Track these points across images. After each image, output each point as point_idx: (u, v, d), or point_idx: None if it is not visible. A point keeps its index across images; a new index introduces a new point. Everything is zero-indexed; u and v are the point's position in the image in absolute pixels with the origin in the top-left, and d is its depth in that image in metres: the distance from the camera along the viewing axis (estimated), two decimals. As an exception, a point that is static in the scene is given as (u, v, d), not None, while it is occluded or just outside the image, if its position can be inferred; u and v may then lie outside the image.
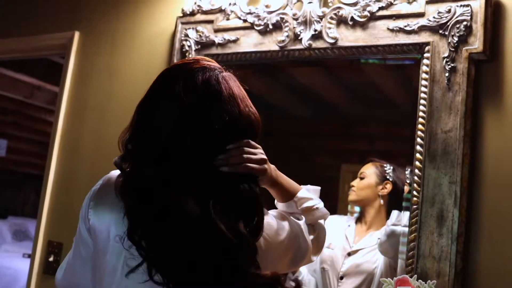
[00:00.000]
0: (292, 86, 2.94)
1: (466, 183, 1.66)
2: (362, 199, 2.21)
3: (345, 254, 2.13)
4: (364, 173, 2.23)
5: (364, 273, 2.05)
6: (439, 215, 1.66)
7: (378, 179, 2.21)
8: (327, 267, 2.15)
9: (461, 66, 1.71)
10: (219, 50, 2.17)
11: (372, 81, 2.69)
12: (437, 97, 1.73)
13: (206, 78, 1.20)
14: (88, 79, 2.61)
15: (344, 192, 2.39)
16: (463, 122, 1.67)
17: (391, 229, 1.96)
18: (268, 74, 2.81)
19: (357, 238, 2.16)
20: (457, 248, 1.62)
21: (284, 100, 3.19)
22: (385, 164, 2.26)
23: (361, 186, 2.22)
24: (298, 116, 3.25)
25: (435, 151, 1.70)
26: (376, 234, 2.13)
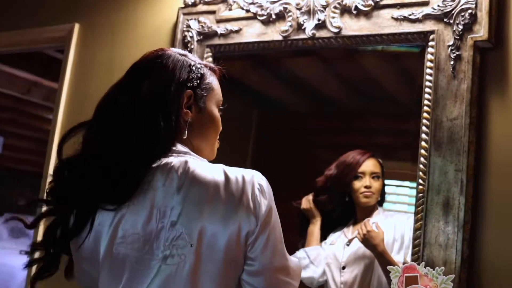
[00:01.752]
0: (291, 81, 2.92)
1: (472, 170, 1.65)
2: (376, 202, 2.19)
3: (344, 246, 2.14)
4: (378, 173, 2.20)
5: (364, 259, 2.05)
6: (445, 203, 1.66)
7: (383, 177, 2.21)
8: (330, 261, 2.15)
9: (466, 54, 1.70)
10: (222, 40, 2.16)
11: (372, 75, 2.67)
12: (442, 85, 1.73)
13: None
14: (88, 72, 2.59)
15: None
16: (468, 110, 1.67)
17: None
18: (268, 68, 2.80)
19: (354, 229, 2.16)
20: (463, 236, 1.62)
21: (283, 95, 3.16)
22: (379, 160, 2.26)
23: (379, 189, 2.18)
24: (298, 110, 3.21)
25: (440, 139, 1.70)
26: (370, 220, 2.13)
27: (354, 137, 3.02)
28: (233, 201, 1.10)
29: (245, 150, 3.32)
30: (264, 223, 1.11)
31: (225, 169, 1.15)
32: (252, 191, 1.12)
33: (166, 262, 1.08)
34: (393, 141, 2.35)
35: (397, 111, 2.85)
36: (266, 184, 1.15)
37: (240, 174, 1.14)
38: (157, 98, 1.17)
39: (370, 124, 2.96)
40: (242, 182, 1.12)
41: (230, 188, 1.11)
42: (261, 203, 1.12)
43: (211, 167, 1.16)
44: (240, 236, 1.10)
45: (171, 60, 1.22)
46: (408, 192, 2.63)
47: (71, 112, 2.60)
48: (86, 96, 2.56)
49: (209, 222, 1.09)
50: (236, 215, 1.10)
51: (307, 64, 2.61)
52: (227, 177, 1.12)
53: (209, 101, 1.27)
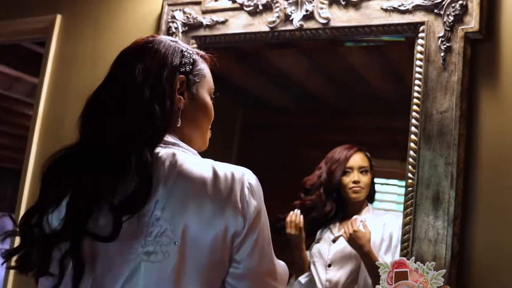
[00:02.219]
0: (276, 77, 2.89)
1: (462, 164, 1.62)
2: (366, 196, 2.15)
3: (330, 242, 2.10)
4: (366, 167, 2.16)
5: (351, 258, 2.01)
6: (434, 197, 1.62)
7: (371, 171, 2.18)
8: (316, 259, 2.11)
9: (457, 45, 1.67)
10: (207, 31, 2.11)
11: (359, 71, 2.65)
12: (432, 77, 1.70)
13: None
14: (71, 65, 2.53)
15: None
16: (459, 102, 1.64)
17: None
18: (253, 64, 2.77)
19: (341, 226, 2.12)
20: (453, 231, 1.59)
21: (268, 92, 3.13)
22: (367, 154, 2.22)
23: (368, 183, 2.15)
24: (283, 108, 3.18)
25: (430, 132, 1.67)
26: (359, 217, 2.09)
27: (340, 135, 3.01)
28: (220, 199, 1.05)
29: (230, 147, 3.30)
30: (252, 225, 1.07)
31: (214, 165, 1.09)
32: (241, 189, 1.07)
33: (149, 259, 1.03)
34: (380, 139, 2.32)
35: (384, 109, 2.84)
36: (256, 183, 1.10)
37: (229, 171, 1.09)
38: (150, 83, 1.12)
39: (356, 121, 2.95)
40: (231, 180, 1.07)
41: (218, 185, 1.06)
42: (250, 203, 1.07)
43: (199, 161, 1.11)
44: (226, 237, 1.04)
45: (162, 45, 1.18)
46: (397, 190, 2.61)
47: (52, 107, 2.54)
48: (68, 91, 2.50)
49: (194, 220, 1.03)
50: (223, 215, 1.04)
51: (293, 60, 2.58)
52: (215, 174, 1.07)
53: (201, 88, 1.22)
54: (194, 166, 1.08)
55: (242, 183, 1.08)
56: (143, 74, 1.12)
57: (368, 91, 2.80)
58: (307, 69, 2.71)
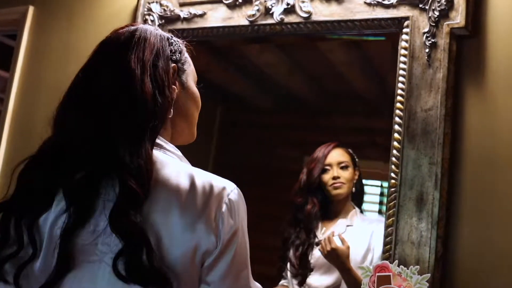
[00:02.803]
0: (256, 76, 2.88)
1: (447, 164, 1.57)
2: (349, 192, 2.10)
3: (313, 246, 2.03)
4: (346, 161, 2.10)
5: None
6: (418, 198, 1.57)
7: (354, 166, 2.12)
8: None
9: (442, 41, 1.62)
10: (185, 25, 2.03)
11: (339, 71, 2.61)
12: (417, 74, 1.64)
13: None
14: (43, 58, 2.44)
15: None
16: (444, 100, 1.59)
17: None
18: (232, 62, 2.73)
19: (325, 229, 2.06)
20: (437, 233, 1.53)
21: (247, 90, 3.12)
22: (349, 149, 2.17)
23: (349, 177, 2.10)
24: (262, 107, 3.22)
25: (414, 131, 1.61)
26: (345, 222, 2.04)
27: (321, 135, 3.00)
28: (192, 214, 0.96)
29: (208, 146, 3.31)
30: (227, 246, 0.98)
31: (194, 174, 1.00)
32: (217, 206, 0.98)
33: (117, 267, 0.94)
34: (361, 139, 2.26)
35: (365, 109, 2.85)
36: (237, 200, 1.01)
37: (209, 183, 1.00)
38: (150, 74, 1.04)
39: (337, 121, 2.96)
40: (209, 194, 0.98)
41: (193, 198, 0.97)
42: (225, 222, 0.98)
43: (179, 169, 1.02)
44: (196, 255, 0.96)
45: (149, 34, 1.10)
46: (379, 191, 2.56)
47: (23, 103, 2.45)
48: (40, 85, 2.42)
49: (164, 233, 0.95)
50: (194, 231, 0.95)
51: (273, 58, 2.56)
52: (193, 185, 0.98)
53: (189, 76, 1.17)
54: (172, 174, 1.00)
55: (220, 199, 0.99)
56: (140, 64, 1.04)
57: (349, 90, 2.81)
58: (287, 67, 2.68)
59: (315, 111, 3.13)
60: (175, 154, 1.08)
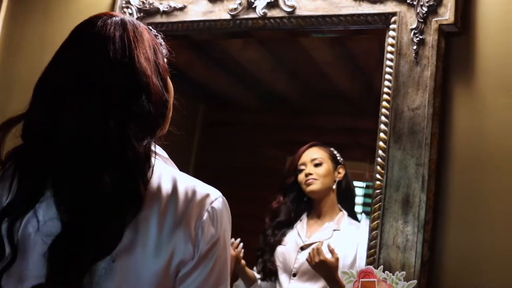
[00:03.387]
0: (238, 74, 2.84)
1: (434, 165, 1.52)
2: (325, 188, 2.04)
3: (297, 249, 1.96)
4: (319, 158, 2.05)
5: None
6: (404, 200, 1.52)
7: (333, 163, 2.06)
8: (279, 264, 1.97)
9: (430, 38, 1.57)
10: (164, 18, 1.96)
11: (323, 70, 2.57)
12: (404, 72, 1.59)
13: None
14: (17, 51, 2.35)
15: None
16: (431, 99, 1.54)
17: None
18: (214, 59, 2.70)
19: (310, 232, 2.00)
20: (423, 237, 1.48)
21: (229, 88, 3.09)
22: (329, 147, 2.11)
23: (323, 173, 2.04)
24: (245, 106, 3.20)
25: (400, 130, 1.56)
26: (331, 226, 1.98)
27: (304, 135, 2.97)
28: (171, 221, 0.89)
29: (190, 146, 3.28)
30: (205, 257, 0.90)
31: (177, 178, 0.94)
32: (199, 213, 0.91)
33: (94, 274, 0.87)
34: (345, 139, 2.21)
35: (350, 108, 2.82)
36: (221, 209, 0.94)
37: (191, 188, 0.93)
38: (156, 71, 0.97)
39: (320, 121, 2.93)
40: (191, 200, 0.91)
41: (174, 203, 0.90)
42: (205, 231, 0.90)
43: (161, 172, 0.94)
44: (170, 265, 0.88)
45: (138, 26, 1.00)
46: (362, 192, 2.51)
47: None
48: (14, 78, 2.33)
49: (139, 241, 0.88)
50: (171, 239, 0.88)
51: (256, 55, 2.52)
52: (175, 189, 0.91)
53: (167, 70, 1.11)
54: (155, 176, 0.92)
55: (202, 206, 0.92)
56: (148, 63, 0.96)
57: (333, 90, 2.78)
58: (270, 65, 2.63)
59: (299, 110, 3.13)
60: (159, 155, 1.00)
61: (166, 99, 0.98)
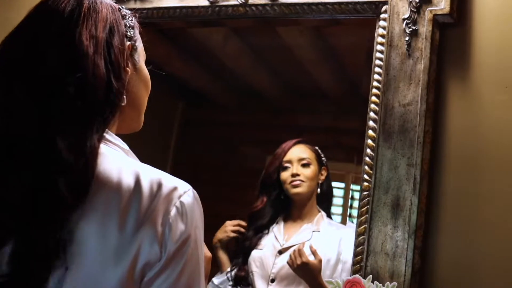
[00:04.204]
0: (218, 71, 2.78)
1: (427, 165, 1.41)
2: (310, 191, 1.93)
3: (275, 253, 1.85)
4: (307, 159, 1.94)
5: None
6: (394, 203, 1.40)
7: (318, 164, 1.95)
8: (255, 270, 1.86)
9: (424, 29, 1.46)
10: (138, 4, 1.82)
11: (305, 68, 2.53)
12: (395, 65, 1.48)
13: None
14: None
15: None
16: (425, 94, 1.43)
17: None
18: (192, 55, 2.62)
19: (288, 235, 1.89)
20: (415, 243, 1.37)
21: (208, 86, 3.06)
22: (314, 146, 2.00)
23: (310, 175, 1.93)
24: (223, 103, 3.19)
25: (391, 128, 1.45)
26: (310, 227, 1.87)
27: (284, 134, 2.97)
28: (134, 220, 0.78)
29: (167, 144, 3.26)
30: (174, 257, 0.80)
31: (140, 171, 0.83)
32: (166, 209, 0.80)
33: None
34: (326, 138, 2.11)
35: (331, 108, 2.83)
36: (191, 203, 0.83)
37: (157, 182, 0.82)
38: (104, 54, 0.85)
39: (301, 120, 2.94)
40: (156, 194, 0.81)
41: (137, 200, 0.79)
42: (173, 228, 0.80)
43: (122, 164, 0.84)
44: (135, 269, 0.77)
45: (99, 3, 0.90)
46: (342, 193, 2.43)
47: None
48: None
49: (96, 245, 0.77)
50: (135, 240, 0.77)
51: (236, 52, 2.45)
52: (138, 184, 0.81)
53: (141, 56, 0.99)
54: (114, 170, 0.81)
55: (169, 201, 0.81)
56: (92, 42, 0.85)
57: (315, 88, 2.74)
58: (251, 63, 2.54)
59: (279, 108, 3.11)
60: (120, 147, 0.89)
61: (114, 85, 0.85)
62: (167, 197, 0.81)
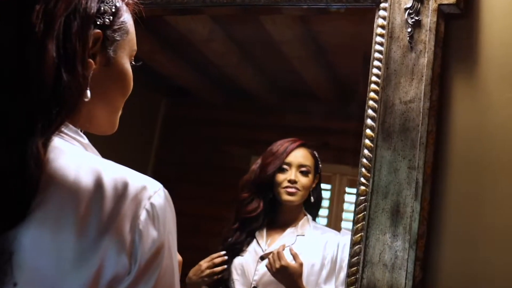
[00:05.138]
0: (203, 66, 2.69)
1: (430, 169, 1.30)
2: (302, 200, 1.83)
3: (257, 259, 1.74)
4: (308, 167, 1.83)
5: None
6: (394, 210, 1.29)
7: (314, 172, 1.84)
8: (236, 277, 1.75)
9: (428, 20, 1.36)
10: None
11: (292, 67, 2.45)
12: (396, 58, 1.37)
13: None
14: None
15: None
16: (428, 91, 1.32)
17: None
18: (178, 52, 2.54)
19: (271, 239, 1.78)
20: (416, 254, 1.26)
21: (193, 83, 2.98)
22: (313, 151, 1.89)
23: (306, 185, 1.83)
24: (208, 101, 3.12)
25: (391, 127, 1.34)
26: (294, 231, 1.78)
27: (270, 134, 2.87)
28: (95, 228, 0.67)
29: (149, 141, 3.17)
30: (145, 269, 0.69)
31: (101, 169, 0.71)
32: (134, 213, 0.69)
33: None
34: (313, 139, 2.02)
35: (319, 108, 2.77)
36: (163, 204, 0.72)
37: (122, 181, 0.70)
38: (56, 36, 0.72)
39: (288, 120, 2.89)
40: (122, 195, 0.69)
41: (99, 202, 0.68)
42: (144, 236, 0.69)
43: (80, 161, 0.72)
44: (98, 283, 0.66)
45: None
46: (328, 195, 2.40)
47: None
48: None
49: (50, 257, 0.66)
50: (97, 249, 0.66)
51: (222, 48, 2.37)
52: (98, 183, 0.69)
53: (121, 49, 0.86)
54: (71, 167, 0.69)
55: (138, 203, 0.70)
56: (44, 20, 0.71)
57: (303, 87, 2.68)
58: (237, 60, 2.47)
59: (266, 107, 3.05)
60: (78, 140, 0.77)
61: (63, 77, 0.72)
62: (135, 199, 0.69)
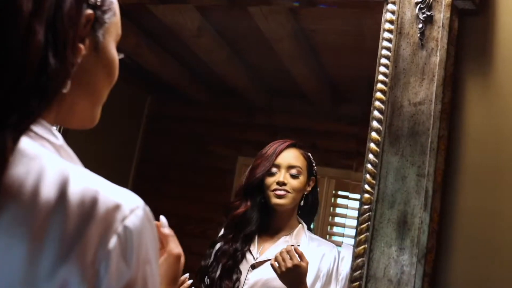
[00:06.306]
0: (191, 64, 2.64)
1: (440, 177, 1.21)
2: (293, 203, 1.72)
3: (248, 268, 1.64)
4: (298, 168, 1.71)
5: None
6: (400, 220, 1.19)
7: (307, 174, 1.74)
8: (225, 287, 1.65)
9: (441, 16, 1.26)
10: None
11: (284, 67, 2.38)
12: (405, 56, 1.27)
13: None
14: None
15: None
16: (440, 92, 1.23)
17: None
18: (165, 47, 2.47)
19: (263, 247, 1.69)
20: (424, 269, 1.16)
21: (180, 80, 2.93)
22: (307, 151, 1.79)
23: (297, 187, 1.71)
24: (195, 99, 3.10)
25: (399, 131, 1.24)
26: (288, 240, 1.69)
27: (257, 134, 2.93)
28: (54, 249, 0.56)
29: (133, 139, 3.15)
30: None
31: (69, 178, 0.60)
32: (101, 238, 0.57)
33: None
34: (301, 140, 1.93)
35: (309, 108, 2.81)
36: (139, 227, 0.60)
37: (91, 196, 0.58)
38: (45, 18, 0.62)
39: (276, 120, 2.89)
40: (88, 215, 0.57)
41: (59, 220, 0.57)
42: (111, 268, 0.57)
43: (44, 167, 0.60)
44: None
45: None
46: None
47: None
48: None
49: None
50: (53, 280, 0.55)
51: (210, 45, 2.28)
52: (62, 197, 0.58)
53: (109, 33, 0.76)
54: (32, 175, 0.58)
55: (108, 225, 0.58)
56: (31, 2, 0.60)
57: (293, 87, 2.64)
58: (225, 57, 2.40)
59: (253, 107, 3.04)
60: (49, 141, 0.65)
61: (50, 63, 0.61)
62: (104, 220, 0.58)
